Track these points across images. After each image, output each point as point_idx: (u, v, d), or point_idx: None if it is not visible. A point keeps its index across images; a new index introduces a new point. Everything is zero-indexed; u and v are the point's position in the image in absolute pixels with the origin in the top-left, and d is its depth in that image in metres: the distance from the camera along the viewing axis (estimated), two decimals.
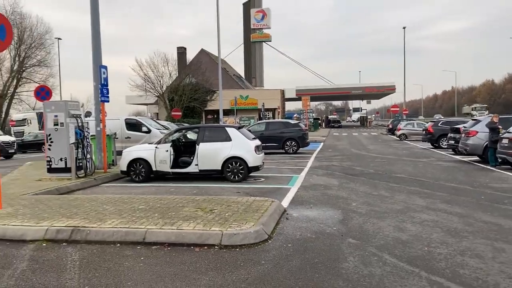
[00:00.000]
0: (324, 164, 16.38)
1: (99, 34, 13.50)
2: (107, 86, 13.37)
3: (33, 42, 56.40)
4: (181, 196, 8.99)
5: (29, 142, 33.59)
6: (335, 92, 75.01)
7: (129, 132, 19.77)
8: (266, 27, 78.78)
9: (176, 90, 43.00)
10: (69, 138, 11.65)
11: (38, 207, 7.80)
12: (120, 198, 8.57)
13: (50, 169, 11.84)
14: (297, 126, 22.49)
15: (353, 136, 41.38)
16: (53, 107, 11.73)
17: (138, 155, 12.12)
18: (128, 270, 4.94)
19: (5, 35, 7.38)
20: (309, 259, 5.23)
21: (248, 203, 7.83)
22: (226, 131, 11.98)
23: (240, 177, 11.70)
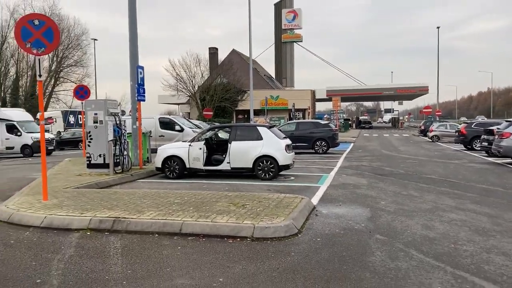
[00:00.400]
0: (354, 164, 16.47)
1: (136, 36, 14.05)
2: (143, 85, 13.90)
3: (70, 43, 58.49)
4: (214, 192, 9.34)
5: (66, 139, 34.84)
6: (366, 93, 74.38)
7: (163, 131, 20.36)
8: (297, 27, 78.75)
9: (208, 90, 43.69)
10: (107, 135, 12.22)
11: (80, 199, 8.30)
12: (156, 193, 8.99)
13: (90, 164, 12.45)
14: (327, 126, 22.61)
15: (384, 137, 41.02)
16: (93, 106, 12.34)
17: (172, 153, 12.57)
18: (167, 258, 5.29)
19: (52, 38, 7.88)
20: (337, 253, 5.45)
21: (279, 199, 8.09)
22: (257, 130, 12.28)
23: (271, 175, 11.98)
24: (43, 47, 7.83)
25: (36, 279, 4.64)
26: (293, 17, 78.31)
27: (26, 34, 7.73)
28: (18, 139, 25.69)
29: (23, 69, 58.76)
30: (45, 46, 7.83)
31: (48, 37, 7.83)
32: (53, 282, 4.56)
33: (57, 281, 4.59)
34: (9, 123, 25.92)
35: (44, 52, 7.87)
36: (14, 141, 25.79)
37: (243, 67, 50.02)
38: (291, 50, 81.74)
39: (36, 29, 7.74)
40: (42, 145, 8.11)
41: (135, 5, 14.11)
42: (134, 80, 13.81)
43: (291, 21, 78.47)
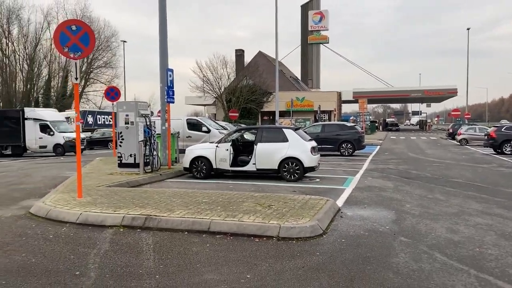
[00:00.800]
0: (380, 167, 16.44)
1: (166, 40, 14.43)
2: (172, 88, 14.26)
3: (100, 45, 59.93)
4: (240, 192, 9.56)
5: (97, 139, 35.76)
6: (394, 95, 73.45)
7: (190, 132, 20.74)
8: (324, 29, 78.48)
9: (234, 91, 44.09)
10: (138, 136, 12.62)
11: (113, 198, 8.64)
12: (185, 192, 9.28)
13: (121, 164, 12.88)
14: (353, 128, 22.59)
15: (411, 140, 40.54)
16: (124, 107, 12.77)
17: (200, 153, 12.87)
18: (196, 254, 5.53)
19: (88, 42, 8.25)
20: (362, 253, 5.58)
21: (304, 200, 8.25)
22: (283, 132, 12.44)
23: (296, 177, 12.13)
24: (80, 52, 8.20)
25: (75, 271, 4.94)
26: (320, 18, 78.08)
27: (64, 39, 8.12)
28: (51, 139, 26.57)
29: (55, 70, 60.60)
30: (81, 51, 8.20)
31: (85, 41, 8.20)
32: (91, 274, 4.85)
33: (95, 273, 4.87)
34: (42, 122, 26.85)
35: (81, 56, 8.24)
36: (47, 140, 26.70)
37: (269, 69, 50.22)
38: (317, 51, 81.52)
39: (74, 34, 8.13)
40: (78, 145, 8.49)
41: (165, 12, 14.48)
42: (163, 82, 14.19)
43: (318, 22, 78.25)
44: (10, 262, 5.27)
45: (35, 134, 26.81)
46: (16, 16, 56.46)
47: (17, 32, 57.29)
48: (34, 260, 5.33)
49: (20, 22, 56.89)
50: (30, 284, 4.56)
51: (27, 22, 57.25)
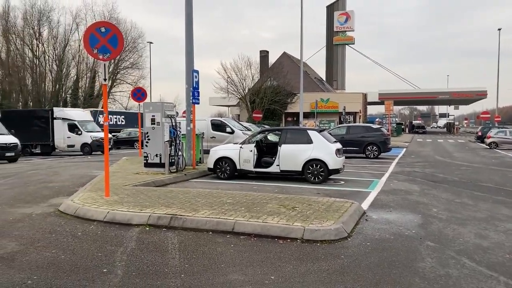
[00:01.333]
0: (406, 170, 16.20)
1: (192, 41, 14.59)
2: (198, 89, 14.40)
3: (127, 46, 60.80)
4: (264, 193, 9.57)
5: (123, 139, 36.37)
6: (420, 97, 72.22)
7: (214, 132, 20.87)
8: (350, 29, 77.90)
9: (258, 92, 44.17)
10: (164, 136, 12.79)
11: (139, 197, 8.78)
12: (209, 192, 9.34)
13: (146, 163, 13.08)
14: (379, 130, 22.33)
15: (438, 143, 39.80)
16: (151, 108, 12.97)
17: (224, 154, 12.95)
18: (220, 255, 5.57)
19: (117, 44, 8.41)
20: (387, 257, 5.51)
21: (329, 203, 8.20)
22: (307, 134, 12.40)
23: (320, 179, 12.07)
24: (108, 53, 8.37)
25: (102, 269, 5.04)
26: (346, 19, 77.55)
27: (93, 41, 8.30)
28: (79, 138, 27.18)
29: (83, 71, 61.80)
30: (110, 52, 8.36)
31: (113, 43, 8.36)
32: (118, 272, 4.94)
33: (121, 271, 4.96)
34: (70, 122, 27.49)
35: (109, 57, 8.41)
36: (74, 140, 27.32)
37: (293, 70, 50.09)
38: (343, 52, 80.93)
39: (103, 36, 8.30)
40: (105, 145, 8.65)
41: (191, 14, 14.64)
42: (189, 84, 14.34)
43: (343, 23, 77.73)
44: (41, 258, 5.42)
45: (63, 134, 27.48)
46: (46, 18, 57.93)
47: (47, 34, 58.75)
48: (64, 257, 5.46)
49: (50, 23, 58.33)
50: (60, 280, 4.68)
51: (56, 24, 58.66)
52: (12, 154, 21.55)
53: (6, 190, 11.19)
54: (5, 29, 56.89)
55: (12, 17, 57.51)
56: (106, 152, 8.69)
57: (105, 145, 8.63)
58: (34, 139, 27.92)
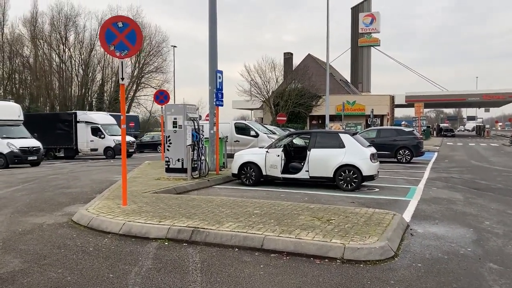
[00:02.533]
0: (443, 176, 15.13)
1: (216, 42, 13.90)
2: (221, 90, 13.70)
3: (151, 50, 61.02)
4: (294, 202, 8.77)
5: (146, 142, 36.12)
6: (449, 99, 70.26)
7: (238, 136, 20.18)
8: (375, 31, 76.51)
9: (282, 95, 43.31)
10: (186, 140, 12.11)
11: (159, 206, 8.09)
12: (234, 201, 8.59)
13: (168, 168, 12.42)
14: (411, 134, 21.20)
15: (470, 147, 38.17)
16: (172, 110, 12.30)
17: (249, 159, 12.19)
18: (249, 278, 4.80)
19: (135, 40, 7.75)
20: (446, 283, 4.65)
21: (368, 215, 7.34)
22: (339, 137, 11.54)
23: (353, 186, 11.19)
24: (126, 50, 7.73)
25: None
26: (371, 20, 76.25)
27: (110, 37, 7.68)
28: (102, 142, 26.90)
29: (108, 75, 62.23)
30: (128, 49, 7.72)
31: (131, 39, 7.72)
32: None
33: None
34: (94, 126, 27.23)
35: (127, 55, 7.78)
36: (98, 143, 27.05)
37: (318, 72, 49.14)
38: (368, 54, 79.51)
39: (120, 31, 7.67)
40: (123, 149, 8.01)
41: (215, 13, 13.97)
42: (212, 85, 13.66)
43: (369, 25, 76.44)
44: (44, 280, 4.75)
45: (86, 137, 27.26)
46: (73, 23, 58.53)
47: (73, 38, 59.32)
48: (70, 279, 4.78)
49: (76, 28, 58.90)
50: None
51: (82, 29, 59.16)
52: (35, 158, 21.33)
53: (22, 196, 10.69)
54: (33, 34, 57.79)
55: (40, 22, 58.41)
56: (124, 157, 8.03)
57: (122, 150, 8.00)
58: (58, 142, 27.81)
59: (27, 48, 59.68)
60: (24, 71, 59.65)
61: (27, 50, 59.81)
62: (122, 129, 8.02)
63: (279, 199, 9.75)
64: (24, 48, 59.61)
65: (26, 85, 60.25)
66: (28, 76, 59.92)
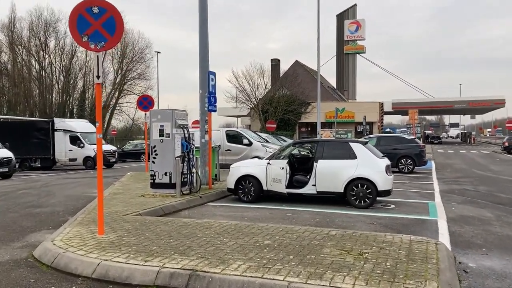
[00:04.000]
0: (455, 188, 13.86)
1: (207, 40, 12.43)
2: (215, 94, 12.22)
3: (134, 56, 59.26)
4: (309, 227, 7.30)
5: (128, 151, 34.36)
6: (436, 106, 70.01)
7: (230, 145, 18.71)
8: (361, 38, 76.01)
9: (271, 101, 41.97)
10: (175, 151, 10.54)
11: (144, 235, 6.53)
12: (237, 227, 7.07)
13: (154, 184, 10.79)
14: (413, 142, 19.94)
15: (463, 154, 37.28)
16: (159, 116, 10.70)
17: (247, 172, 10.70)
18: None
19: (114, 29, 6.24)
20: None
21: (405, 245, 5.91)
22: (350, 147, 10.14)
23: (367, 202, 9.78)
24: (103, 41, 6.21)
25: None
26: (356, 28, 75.76)
27: (82, 25, 6.15)
28: (81, 151, 25.13)
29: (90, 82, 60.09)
30: (105, 40, 6.20)
31: (110, 28, 6.21)
32: None
33: None
34: (72, 134, 25.43)
35: (104, 47, 6.25)
36: (77, 153, 25.25)
37: (306, 78, 48.05)
38: (354, 61, 78.87)
39: (95, 18, 6.15)
40: (99, 163, 6.46)
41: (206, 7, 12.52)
42: (204, 88, 12.16)
43: (354, 32, 75.91)
44: None
45: (64, 146, 25.44)
46: (53, 29, 56.40)
47: (54, 45, 57.17)
48: None
49: (57, 34, 56.76)
50: None
51: (63, 35, 56.88)
52: (6, 169, 19.48)
53: None
54: (11, 40, 55.53)
55: (18, 28, 56.21)
56: (100, 174, 6.45)
57: (98, 163, 6.44)
58: (34, 152, 25.89)
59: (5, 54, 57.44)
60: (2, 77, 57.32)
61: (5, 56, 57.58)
62: (98, 139, 6.46)
63: (287, 221, 8.30)
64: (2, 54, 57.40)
65: (4, 92, 57.82)
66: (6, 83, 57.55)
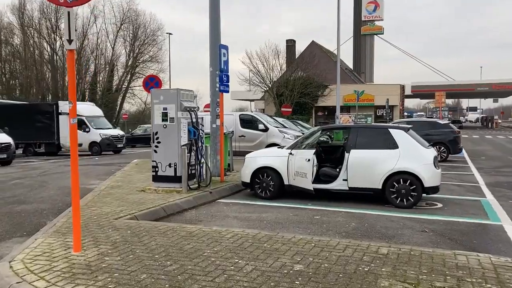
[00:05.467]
0: (503, 181, 12.08)
1: (218, 5, 10.67)
2: (227, 72, 10.54)
3: (146, 39, 57.89)
4: (350, 243, 5.67)
5: (138, 136, 33.03)
6: (457, 89, 67.35)
7: (244, 130, 17.08)
8: (379, 18, 73.33)
9: (287, 84, 40.02)
10: (180, 138, 8.91)
11: (133, 252, 4.96)
12: (255, 239, 5.46)
13: (156, 176, 9.20)
14: (448, 127, 18.01)
15: (490, 140, 35.13)
16: (161, 97, 9.04)
17: (265, 163, 9.07)
18: None
19: None
20: None
21: (490, 273, 4.25)
22: (390, 135, 8.44)
23: (411, 201, 8.11)
24: None
25: None
26: (374, 8, 73.13)
27: None
28: (87, 136, 23.71)
29: (101, 65, 59.04)
30: None
31: None
32: None
33: None
34: (78, 118, 23.97)
35: (78, 1, 4.64)
36: (82, 138, 23.73)
37: (323, 60, 45.96)
38: (371, 43, 76.36)
39: None
40: (73, 155, 4.90)
41: None
42: (215, 65, 10.47)
43: (372, 12, 73.32)
44: None
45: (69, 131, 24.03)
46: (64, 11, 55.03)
47: None
48: None
49: None
50: None
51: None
52: (4, 156, 18.15)
53: None
54: (22, 22, 54.37)
55: (29, 9, 55.05)
56: (75, 171, 4.90)
57: (72, 156, 4.90)
58: (38, 137, 24.56)
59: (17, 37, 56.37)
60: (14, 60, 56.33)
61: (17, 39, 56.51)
62: (71, 125, 4.89)
63: (316, 226, 6.70)
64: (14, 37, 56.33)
65: (16, 75, 56.93)
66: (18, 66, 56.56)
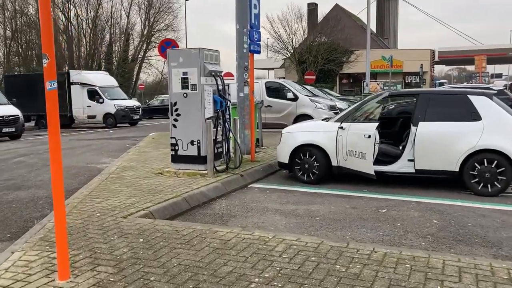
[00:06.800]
0: None
1: None
2: (259, 28, 8.73)
3: (161, 6, 55.64)
4: (458, 260, 4.04)
5: (155, 107, 31.59)
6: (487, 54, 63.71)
7: (270, 100, 15.32)
8: None
9: (310, 50, 37.70)
10: (204, 110, 7.24)
11: (145, 281, 3.40)
12: (318, 252, 3.80)
13: (176, 156, 7.58)
14: (503, 93, 15.84)
15: None
16: (181, 59, 7.30)
17: (307, 140, 7.36)
18: None
19: None
20: None
21: None
22: (470, 102, 6.62)
23: (497, 188, 6.36)
24: None
25: None
26: None
27: None
28: (100, 107, 22.26)
29: (117, 35, 57.37)
30: None
31: None
32: None
33: None
34: (90, 88, 22.48)
35: None
36: (95, 109, 22.42)
37: (348, 24, 43.36)
38: (395, 7, 72.45)
39: None
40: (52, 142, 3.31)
41: None
42: (242, 21, 8.65)
43: None
44: None
45: (82, 102, 22.60)
46: None
47: None
48: None
49: None
50: None
51: None
52: (12, 129, 16.81)
53: None
54: None
55: None
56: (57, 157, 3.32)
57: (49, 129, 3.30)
58: None
59: (32, 7, 54.74)
60: (30, 31, 54.96)
61: (32, 9, 54.89)
62: (48, 92, 3.26)
63: (387, 225, 5.05)
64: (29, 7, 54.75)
65: (33, 46, 55.61)
66: (33, 37, 55.21)
